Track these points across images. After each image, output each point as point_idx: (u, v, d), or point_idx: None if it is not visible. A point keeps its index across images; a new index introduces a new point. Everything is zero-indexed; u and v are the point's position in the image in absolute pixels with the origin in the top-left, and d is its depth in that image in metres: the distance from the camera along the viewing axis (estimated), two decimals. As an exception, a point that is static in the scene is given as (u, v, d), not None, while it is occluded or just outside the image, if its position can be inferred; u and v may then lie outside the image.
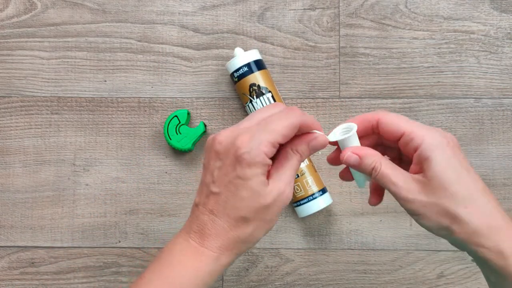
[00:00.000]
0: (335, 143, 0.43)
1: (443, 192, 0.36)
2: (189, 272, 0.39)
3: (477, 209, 0.36)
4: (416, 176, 0.38)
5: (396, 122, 0.38)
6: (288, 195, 0.39)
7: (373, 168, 0.39)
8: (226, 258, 0.39)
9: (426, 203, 0.37)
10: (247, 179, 0.37)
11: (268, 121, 0.37)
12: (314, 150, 0.40)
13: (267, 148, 0.37)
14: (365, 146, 0.42)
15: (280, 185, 0.38)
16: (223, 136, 0.38)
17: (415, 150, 0.37)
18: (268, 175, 0.39)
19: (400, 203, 0.39)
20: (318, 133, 0.41)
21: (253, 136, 0.37)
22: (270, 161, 0.38)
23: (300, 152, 0.40)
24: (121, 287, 0.67)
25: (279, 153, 0.40)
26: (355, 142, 0.42)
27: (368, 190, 0.46)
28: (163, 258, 0.41)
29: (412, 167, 0.38)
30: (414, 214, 0.38)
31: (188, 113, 0.66)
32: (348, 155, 0.40)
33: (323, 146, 0.41)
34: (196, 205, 0.41)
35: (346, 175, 0.46)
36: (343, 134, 0.42)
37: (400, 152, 0.42)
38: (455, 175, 0.36)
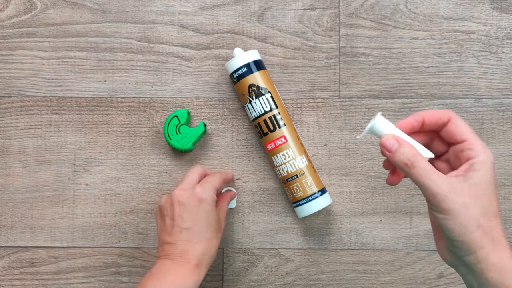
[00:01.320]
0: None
1: (480, 200, 0.39)
2: (180, 278, 0.53)
3: (498, 224, 0.40)
4: (455, 178, 0.40)
5: (465, 128, 0.42)
6: (224, 216, 0.61)
7: (408, 160, 0.40)
8: (203, 270, 0.56)
9: (461, 203, 0.39)
10: (209, 212, 0.57)
11: (207, 179, 0.60)
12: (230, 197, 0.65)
13: (213, 192, 0.58)
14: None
15: (221, 213, 0.61)
16: (180, 191, 0.58)
17: (469, 158, 0.41)
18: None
19: (433, 199, 0.40)
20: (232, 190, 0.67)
21: (203, 187, 0.58)
22: (216, 198, 0.59)
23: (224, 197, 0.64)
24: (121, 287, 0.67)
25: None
26: (392, 128, 0.41)
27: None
28: (156, 273, 0.54)
29: (457, 171, 0.41)
30: (443, 213, 0.39)
31: (188, 113, 0.66)
32: (386, 137, 0.41)
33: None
34: (168, 243, 0.56)
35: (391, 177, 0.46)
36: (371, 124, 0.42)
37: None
38: (493, 191, 0.40)
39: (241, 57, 0.64)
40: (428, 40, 0.68)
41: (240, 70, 0.63)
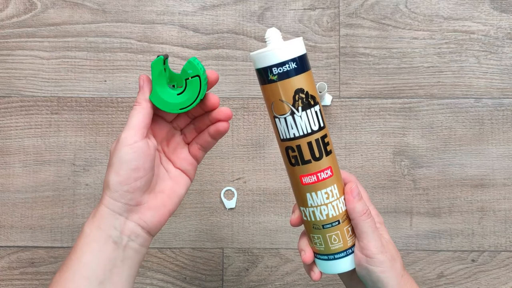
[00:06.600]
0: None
1: (398, 255, 0.47)
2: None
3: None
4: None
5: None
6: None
7: (365, 212, 0.45)
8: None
9: (390, 257, 0.46)
10: None
11: None
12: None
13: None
14: None
15: None
16: None
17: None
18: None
19: (375, 250, 0.45)
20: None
21: None
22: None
23: None
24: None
25: None
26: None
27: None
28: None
29: None
30: (380, 265, 0.45)
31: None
32: (354, 187, 0.46)
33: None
34: None
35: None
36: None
37: None
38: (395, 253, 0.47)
39: (284, 48, 0.42)
40: (428, 40, 0.68)
41: (286, 66, 0.42)
